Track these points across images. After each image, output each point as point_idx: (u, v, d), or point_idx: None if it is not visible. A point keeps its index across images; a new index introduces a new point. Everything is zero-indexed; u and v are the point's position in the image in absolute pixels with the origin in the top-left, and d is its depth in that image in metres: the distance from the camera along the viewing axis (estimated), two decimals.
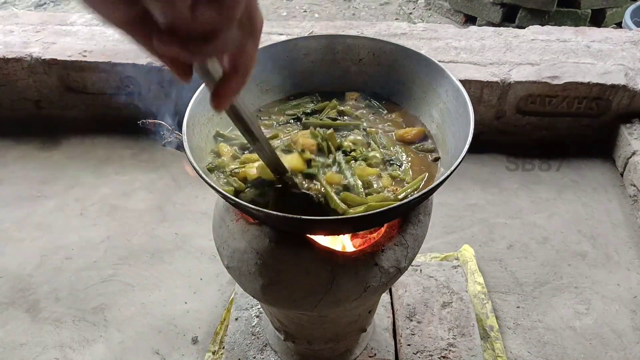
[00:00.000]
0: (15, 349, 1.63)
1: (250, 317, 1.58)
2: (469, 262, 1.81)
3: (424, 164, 1.05)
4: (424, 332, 1.54)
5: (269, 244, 0.98)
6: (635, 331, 1.66)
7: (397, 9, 4.35)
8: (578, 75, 2.18)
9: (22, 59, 2.31)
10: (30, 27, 2.51)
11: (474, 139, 0.89)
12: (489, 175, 2.23)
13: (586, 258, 1.88)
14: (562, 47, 2.38)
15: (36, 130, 2.44)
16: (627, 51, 2.35)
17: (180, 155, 0.94)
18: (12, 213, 2.08)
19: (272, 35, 2.46)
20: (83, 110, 2.43)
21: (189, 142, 0.93)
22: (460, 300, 1.63)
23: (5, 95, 2.42)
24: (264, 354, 1.49)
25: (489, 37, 2.45)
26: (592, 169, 2.25)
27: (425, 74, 1.09)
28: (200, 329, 1.66)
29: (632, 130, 2.18)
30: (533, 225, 2.01)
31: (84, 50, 2.33)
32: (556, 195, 2.13)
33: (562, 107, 2.24)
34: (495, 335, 1.61)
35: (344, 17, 4.26)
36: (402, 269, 1.06)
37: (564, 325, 1.68)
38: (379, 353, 1.47)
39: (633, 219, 2.02)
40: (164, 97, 2.30)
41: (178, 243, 1.95)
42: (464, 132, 0.93)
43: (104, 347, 1.63)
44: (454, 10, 4.19)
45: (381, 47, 1.14)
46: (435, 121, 1.10)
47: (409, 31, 2.49)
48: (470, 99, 0.97)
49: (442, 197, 2.09)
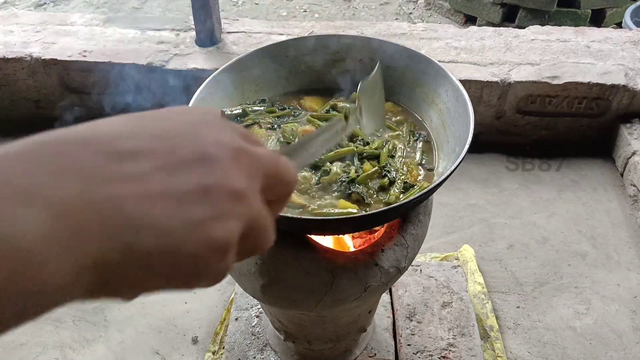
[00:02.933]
0: (15, 349, 1.63)
1: (250, 317, 1.58)
2: (469, 262, 1.81)
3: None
4: (424, 332, 1.54)
5: None
6: (635, 331, 1.66)
7: (397, 9, 4.35)
8: (578, 75, 2.18)
9: (22, 59, 2.31)
10: (30, 27, 2.50)
11: (474, 139, 0.89)
12: (489, 175, 2.23)
13: (586, 258, 1.88)
14: (562, 47, 2.38)
15: (36, 130, 2.41)
16: (627, 51, 2.35)
17: None
18: None
19: (272, 35, 2.46)
20: (83, 110, 2.43)
21: None
22: (460, 300, 1.63)
23: (5, 95, 2.42)
24: (264, 354, 1.49)
25: (489, 37, 2.45)
26: (592, 169, 2.25)
27: (426, 74, 1.09)
28: (200, 329, 1.66)
29: (632, 130, 2.18)
30: (533, 225, 2.01)
31: (84, 50, 2.33)
32: (556, 195, 2.13)
33: (562, 107, 2.24)
34: (495, 335, 1.61)
35: (344, 17, 4.26)
36: (402, 269, 1.06)
37: (564, 325, 1.68)
38: (379, 353, 1.47)
39: (633, 219, 2.02)
40: (164, 97, 2.31)
41: None
42: (464, 132, 0.93)
43: (104, 347, 1.63)
44: (454, 10, 4.19)
45: (381, 47, 1.14)
46: (435, 121, 1.10)
47: (409, 31, 2.49)
48: (470, 99, 0.97)
49: (442, 197, 2.09)
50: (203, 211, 0.33)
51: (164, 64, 2.26)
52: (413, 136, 1.09)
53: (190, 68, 2.24)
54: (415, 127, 1.11)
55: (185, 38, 2.43)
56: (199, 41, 2.38)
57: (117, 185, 0.32)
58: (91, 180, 0.31)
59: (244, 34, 2.48)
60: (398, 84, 1.15)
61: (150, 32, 2.47)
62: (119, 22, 2.57)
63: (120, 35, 2.45)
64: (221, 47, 2.38)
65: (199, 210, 0.33)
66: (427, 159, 1.06)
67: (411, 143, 1.08)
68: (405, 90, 1.15)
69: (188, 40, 2.42)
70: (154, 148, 0.34)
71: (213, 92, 1.07)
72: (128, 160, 0.33)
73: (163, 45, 2.38)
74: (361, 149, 1.03)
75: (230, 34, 2.47)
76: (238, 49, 2.37)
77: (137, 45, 2.38)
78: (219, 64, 2.17)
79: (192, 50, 2.36)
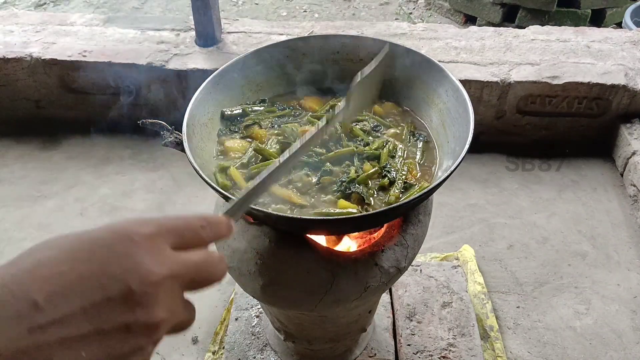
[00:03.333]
0: None
1: (250, 317, 1.57)
2: (469, 262, 1.81)
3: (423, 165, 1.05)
4: (424, 332, 1.54)
5: (269, 244, 0.98)
6: (635, 331, 1.66)
7: (397, 9, 4.35)
8: (578, 75, 2.18)
9: (22, 59, 2.30)
10: (30, 27, 2.50)
11: (473, 139, 0.89)
12: (489, 175, 2.23)
13: (586, 258, 1.88)
14: (562, 47, 2.38)
15: (36, 130, 2.44)
16: (627, 51, 2.35)
17: (182, 156, 0.94)
18: (12, 213, 2.08)
19: (272, 35, 2.46)
20: (83, 110, 2.43)
21: (189, 142, 0.93)
22: (460, 300, 1.63)
23: (5, 95, 2.42)
24: (264, 354, 1.49)
25: (489, 37, 2.45)
26: (592, 169, 2.25)
27: (426, 74, 1.09)
28: (200, 329, 1.66)
29: (632, 130, 2.18)
30: (533, 225, 2.01)
31: (84, 50, 2.33)
32: (556, 195, 2.13)
33: (562, 107, 2.24)
34: (495, 335, 1.61)
35: (344, 17, 4.26)
36: (402, 269, 1.06)
37: (564, 325, 1.68)
38: (379, 353, 1.47)
39: (633, 219, 2.02)
40: (164, 97, 2.31)
41: None
42: (464, 132, 0.93)
43: None
44: (454, 10, 4.19)
45: (381, 47, 1.14)
46: (435, 121, 1.10)
47: (409, 31, 2.49)
48: (470, 99, 0.97)
49: (442, 197, 2.09)
50: (123, 347, 0.38)
51: (164, 64, 2.26)
52: (413, 136, 1.09)
53: (190, 68, 2.24)
54: (415, 127, 1.11)
55: (185, 38, 2.43)
56: (199, 41, 2.38)
57: (44, 333, 0.35)
58: (20, 329, 0.35)
59: (244, 34, 2.48)
60: (398, 84, 1.15)
61: (150, 32, 2.47)
62: (119, 22, 2.57)
63: (120, 35, 2.45)
64: (221, 47, 2.38)
65: (120, 346, 0.38)
66: (427, 159, 1.06)
67: (411, 143, 1.08)
68: (405, 90, 1.15)
69: (188, 40, 2.42)
70: (82, 290, 0.37)
71: (213, 92, 1.07)
72: (57, 306, 0.36)
73: (163, 45, 2.38)
74: (361, 149, 1.03)
75: (230, 34, 2.47)
76: (238, 49, 2.37)
77: (137, 45, 2.38)
78: (219, 64, 2.16)
79: (192, 50, 2.36)
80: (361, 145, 1.05)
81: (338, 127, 1.06)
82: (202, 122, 1.03)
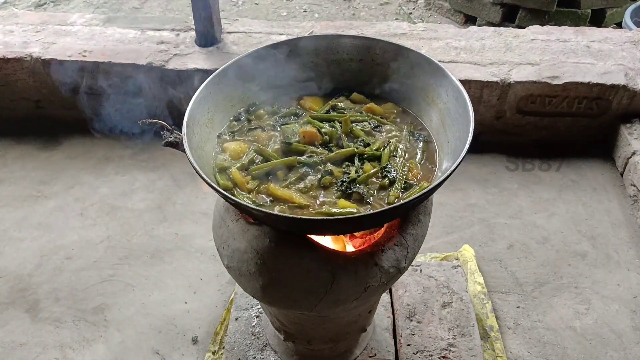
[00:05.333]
0: (15, 349, 1.63)
1: (250, 317, 1.58)
2: (469, 262, 1.81)
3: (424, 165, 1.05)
4: (424, 332, 1.54)
5: (269, 244, 0.98)
6: (635, 331, 1.66)
7: (397, 9, 4.35)
8: (578, 75, 2.18)
9: (22, 59, 2.30)
10: (30, 27, 2.50)
11: (474, 139, 0.89)
12: (489, 175, 2.23)
13: (586, 258, 1.88)
14: (562, 47, 2.38)
15: (36, 130, 2.44)
16: (627, 51, 2.35)
17: (182, 156, 0.94)
18: (12, 213, 2.08)
19: (272, 35, 2.46)
20: (83, 110, 2.43)
21: (189, 142, 0.93)
22: (460, 300, 1.63)
23: (5, 95, 2.42)
24: (264, 354, 1.49)
25: (489, 37, 2.45)
26: (592, 169, 2.25)
27: (426, 74, 1.09)
28: (200, 329, 1.66)
29: (632, 130, 2.18)
30: (533, 225, 2.01)
31: (84, 50, 2.33)
32: (556, 195, 2.13)
33: (562, 107, 2.24)
34: (495, 335, 1.61)
35: (344, 17, 4.26)
36: (402, 269, 1.06)
37: (564, 325, 1.68)
38: (379, 353, 1.47)
39: (633, 219, 2.02)
40: (164, 97, 2.30)
41: (178, 243, 1.95)
42: (464, 132, 0.94)
43: (104, 347, 1.63)
44: (454, 10, 4.19)
45: (381, 47, 1.14)
46: (435, 121, 1.10)
47: (409, 31, 2.49)
48: (470, 99, 0.97)
49: (442, 197, 2.09)
50: None
51: (164, 64, 2.26)
52: (413, 136, 1.09)
53: (190, 68, 2.24)
54: (415, 127, 1.11)
55: (185, 38, 2.43)
56: (199, 41, 2.38)
57: None
58: None
59: (244, 34, 2.48)
60: (398, 83, 1.15)
61: (150, 32, 2.47)
62: (119, 22, 2.57)
63: (120, 35, 2.45)
64: (221, 47, 2.38)
65: None
66: (428, 159, 1.06)
67: (411, 143, 1.08)
68: (405, 90, 1.15)
69: (188, 40, 2.42)
70: None
71: (213, 92, 1.07)
72: None
73: (163, 45, 2.38)
74: (362, 150, 1.03)
75: (230, 34, 2.47)
76: (238, 49, 2.37)
77: (137, 45, 2.38)
78: (219, 64, 2.16)
79: (192, 50, 2.36)
80: (362, 145, 1.05)
81: (338, 127, 1.06)
82: (202, 122, 1.03)
